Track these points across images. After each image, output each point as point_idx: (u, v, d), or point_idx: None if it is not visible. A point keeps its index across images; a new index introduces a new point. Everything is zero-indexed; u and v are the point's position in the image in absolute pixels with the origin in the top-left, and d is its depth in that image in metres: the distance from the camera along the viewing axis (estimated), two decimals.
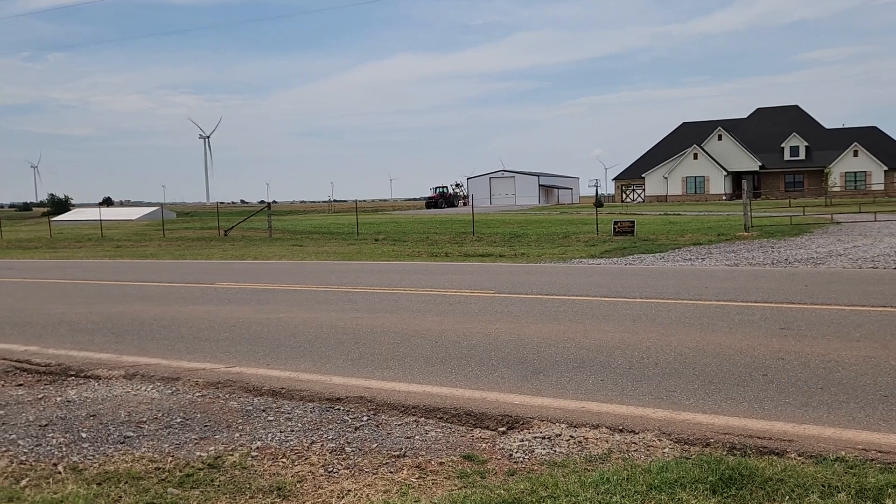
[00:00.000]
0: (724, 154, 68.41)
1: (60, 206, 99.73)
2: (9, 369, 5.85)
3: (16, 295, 10.74)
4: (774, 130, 68.66)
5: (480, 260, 16.49)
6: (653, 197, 70.40)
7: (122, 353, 6.11)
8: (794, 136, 66.63)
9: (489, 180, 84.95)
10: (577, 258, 15.87)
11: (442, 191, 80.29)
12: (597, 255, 16.73)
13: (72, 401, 4.87)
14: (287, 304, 8.69)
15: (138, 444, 3.98)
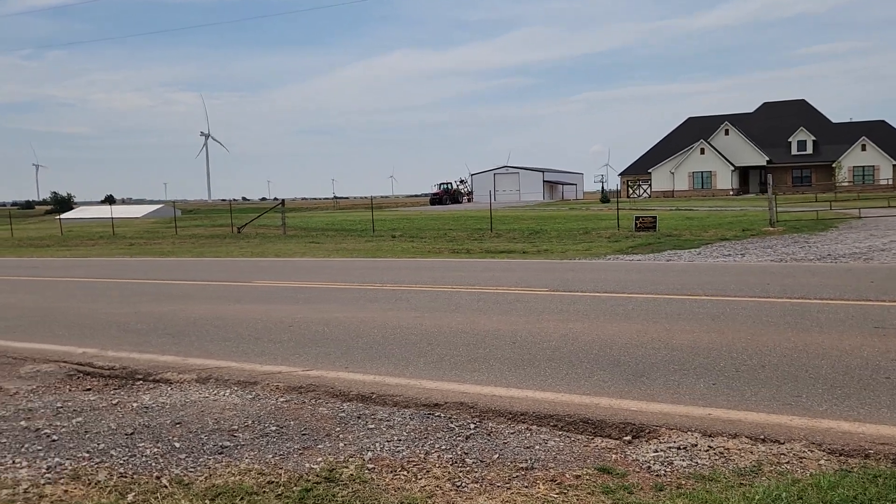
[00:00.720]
0: (731, 149, 68.12)
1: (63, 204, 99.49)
2: (72, 373, 5.63)
3: (52, 294, 10.50)
4: (781, 125, 68.33)
5: (506, 256, 16.25)
6: (659, 192, 70.12)
7: (186, 355, 5.89)
8: (802, 131, 66.32)
9: (493, 176, 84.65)
10: (607, 254, 15.64)
11: (446, 187, 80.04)
12: (625, 250, 16.50)
13: (149, 407, 4.65)
14: (337, 302, 8.45)
15: (238, 454, 3.76)
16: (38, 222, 65.91)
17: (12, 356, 6.18)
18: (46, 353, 6.23)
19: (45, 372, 5.67)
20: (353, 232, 28.08)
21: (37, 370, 5.71)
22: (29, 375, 5.61)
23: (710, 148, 67.06)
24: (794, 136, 66.31)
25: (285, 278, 11.56)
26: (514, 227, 26.46)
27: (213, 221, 40.99)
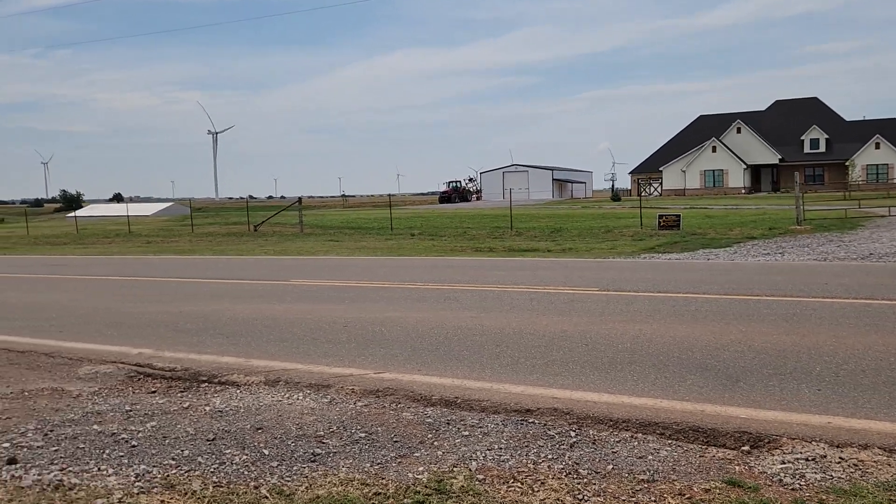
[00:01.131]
0: (743, 147, 67.68)
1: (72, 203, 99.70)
2: (132, 374, 5.47)
3: (88, 293, 10.35)
4: (794, 123, 67.84)
5: (532, 255, 16.05)
6: (670, 191, 69.74)
7: (248, 356, 5.72)
8: (814, 129, 65.82)
9: (502, 174, 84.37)
10: (638, 253, 15.43)
11: (455, 185, 79.82)
12: (654, 249, 16.29)
13: (223, 411, 4.48)
14: (383, 302, 8.27)
15: (332, 462, 3.59)
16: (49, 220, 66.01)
17: (67, 356, 6.03)
18: (101, 353, 6.08)
19: (105, 373, 5.52)
20: (369, 230, 27.92)
21: (95, 371, 5.56)
22: (88, 377, 5.46)
23: (722, 146, 66.64)
24: (807, 134, 65.84)
25: (319, 277, 11.40)
26: (532, 226, 26.25)
27: (226, 220, 40.90)
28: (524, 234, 23.19)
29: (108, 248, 24.11)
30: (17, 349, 6.31)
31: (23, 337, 6.84)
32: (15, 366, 5.83)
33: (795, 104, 70.74)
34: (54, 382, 5.34)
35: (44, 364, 5.82)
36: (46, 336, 6.88)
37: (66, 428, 4.30)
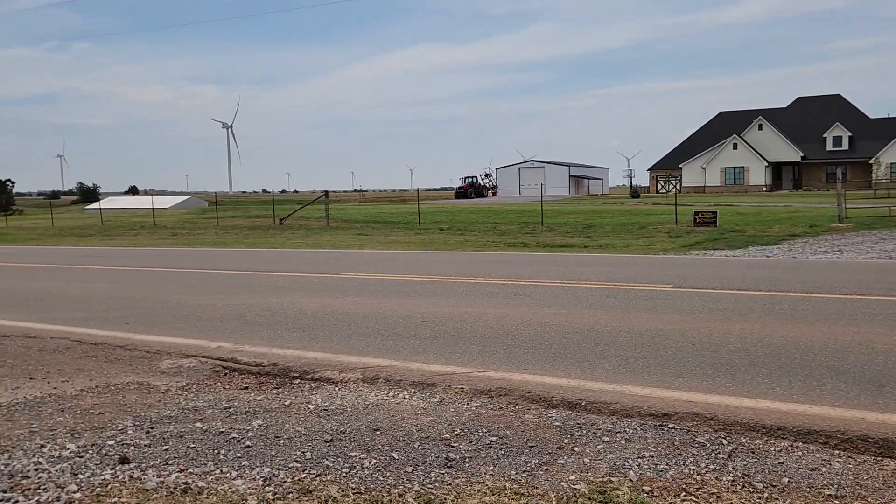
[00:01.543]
0: (765, 144, 66.86)
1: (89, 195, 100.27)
2: (217, 369, 5.25)
3: (145, 284, 10.10)
4: (816, 120, 66.92)
5: (568, 251, 15.75)
6: (690, 188, 69.02)
7: (333, 351, 5.46)
8: (837, 126, 64.88)
9: (518, 170, 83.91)
10: (680, 249, 15.10)
11: (471, 181, 79.50)
12: (694, 246, 15.94)
13: (328, 410, 4.24)
14: (453, 296, 7.98)
15: (472, 468, 3.33)
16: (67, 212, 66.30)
17: (143, 349, 5.82)
18: (177, 346, 5.86)
19: (189, 367, 5.30)
20: (395, 224, 27.69)
21: (178, 365, 5.34)
22: (172, 371, 5.25)
23: (743, 143, 65.87)
24: (830, 131, 64.92)
25: (368, 270, 11.15)
26: (560, 222, 25.91)
27: (247, 213, 40.83)
28: (555, 230, 22.87)
29: (135, 239, 24.02)
30: (89, 341, 6.11)
31: (91, 328, 6.64)
32: (92, 358, 5.63)
33: (818, 101, 69.78)
34: (138, 376, 5.13)
35: (122, 357, 5.61)
36: (115, 328, 6.67)
37: (167, 425, 4.08)
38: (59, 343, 6.07)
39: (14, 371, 5.33)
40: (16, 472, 3.49)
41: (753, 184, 65.84)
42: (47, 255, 17.17)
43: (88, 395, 4.75)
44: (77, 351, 5.80)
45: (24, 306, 8.24)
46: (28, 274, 12.33)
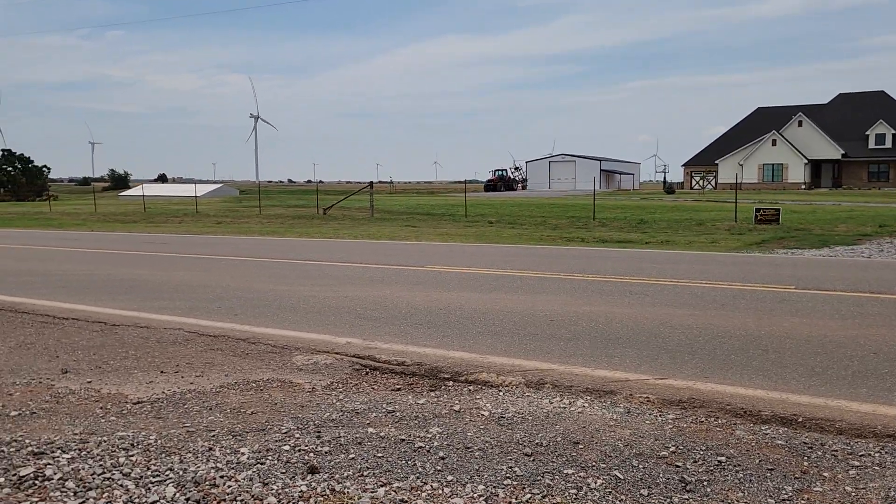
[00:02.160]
0: (804, 141, 65.27)
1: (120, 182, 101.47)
2: (357, 367, 4.93)
3: (224, 273, 9.82)
4: (858, 117, 65.18)
5: (631, 247, 15.24)
6: (726, 184, 67.63)
7: (478, 351, 5.09)
8: (881, 124, 63.08)
9: (548, 164, 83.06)
10: (753, 248, 14.54)
11: (501, 173, 78.89)
12: (762, 244, 15.36)
13: (504, 417, 3.88)
14: (561, 293, 7.60)
15: (717, 493, 2.92)
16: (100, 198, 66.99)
17: (267, 343, 5.52)
18: (303, 341, 5.54)
19: (326, 364, 4.98)
20: (439, 216, 27.32)
21: (314, 361, 5.03)
22: (309, 368, 4.94)
23: (782, 139, 64.39)
24: (872, 129, 63.17)
25: (449, 263, 10.76)
26: (609, 217, 25.37)
27: (284, 202, 40.81)
28: (608, 225, 22.34)
29: (178, 227, 23.95)
30: (206, 333, 5.82)
31: (200, 319, 6.36)
32: (217, 351, 5.35)
33: (860, 98, 67.95)
34: (274, 373, 4.83)
35: (249, 351, 5.31)
36: (225, 319, 6.40)
37: (334, 429, 3.76)
38: (175, 334, 5.80)
39: (140, 363, 5.07)
40: (200, 478, 3.19)
41: (792, 181, 64.37)
42: (109, 241, 17.09)
43: (230, 391, 4.46)
44: (198, 343, 5.53)
45: (122, 294, 8.01)
46: (105, 260, 12.15)
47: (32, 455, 3.53)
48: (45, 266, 11.09)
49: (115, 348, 5.43)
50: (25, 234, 20.84)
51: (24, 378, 4.77)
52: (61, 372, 4.92)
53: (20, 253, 13.96)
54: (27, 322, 6.37)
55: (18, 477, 3.31)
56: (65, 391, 4.48)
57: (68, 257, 12.66)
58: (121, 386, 4.61)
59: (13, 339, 5.76)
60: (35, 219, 30.34)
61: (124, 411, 4.14)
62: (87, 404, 4.26)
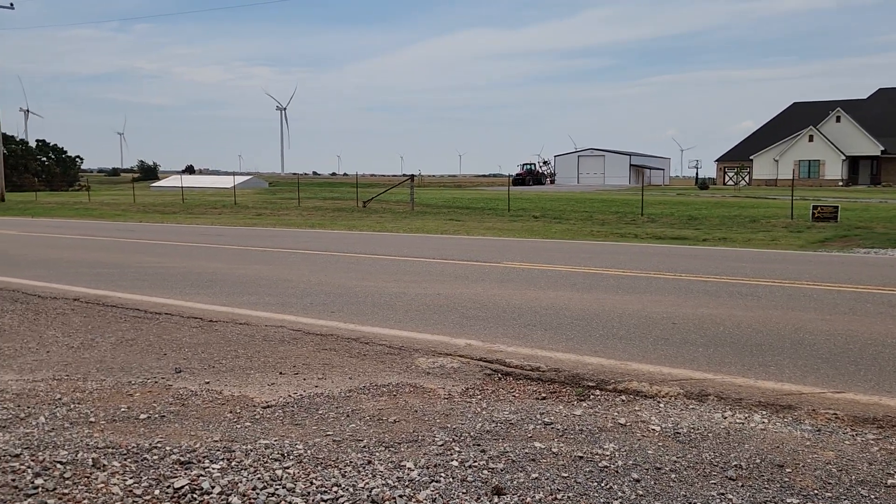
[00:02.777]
0: (842, 137, 63.72)
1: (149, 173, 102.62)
2: (488, 372, 4.63)
3: (301, 268, 9.55)
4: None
5: (688, 244, 14.76)
6: (760, 180, 66.40)
7: (616, 357, 4.74)
8: None
9: (577, 158, 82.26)
10: (819, 246, 14.00)
11: (529, 168, 78.25)
12: (825, 242, 14.83)
13: (678, 433, 3.53)
14: (659, 293, 7.22)
15: None
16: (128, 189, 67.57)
17: (381, 343, 5.22)
18: (419, 341, 5.22)
19: (452, 368, 4.69)
20: (479, 210, 26.95)
21: (439, 364, 4.73)
22: (436, 371, 4.64)
23: (820, 135, 62.93)
24: None
25: (522, 260, 10.38)
26: (660, 213, 24.79)
27: (317, 194, 40.72)
28: (657, 221, 21.80)
29: (218, 218, 23.88)
30: (312, 331, 5.54)
31: (298, 316, 6.08)
32: (331, 352, 5.08)
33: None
34: (401, 376, 4.54)
35: (365, 352, 5.03)
36: (324, 316, 6.11)
37: (496, 442, 3.44)
38: (280, 332, 5.54)
39: (254, 363, 4.82)
40: (376, 497, 2.89)
41: (829, 178, 62.91)
42: (163, 232, 17.00)
43: (362, 396, 4.18)
44: (308, 342, 5.26)
45: (205, 288, 7.79)
46: (171, 252, 11.97)
47: (179, 464, 3.27)
48: (114, 257, 10.96)
49: (222, 346, 5.18)
50: (75, 224, 20.90)
51: (138, 377, 4.54)
52: (175, 371, 4.69)
53: (83, 243, 13.90)
54: (119, 316, 6.17)
55: (174, 489, 3.05)
56: (186, 392, 4.23)
57: (133, 248, 12.53)
58: (242, 388, 4.36)
59: (112, 335, 5.54)
60: (75, 209, 30.56)
61: (257, 416, 3.87)
62: (214, 408, 4.01)
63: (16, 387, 4.36)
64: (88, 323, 5.94)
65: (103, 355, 5.03)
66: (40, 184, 66.85)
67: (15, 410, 3.94)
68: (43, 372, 4.69)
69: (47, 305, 6.65)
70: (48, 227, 18.78)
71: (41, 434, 3.60)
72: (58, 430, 3.66)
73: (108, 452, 3.42)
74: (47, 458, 3.31)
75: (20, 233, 16.49)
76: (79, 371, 4.68)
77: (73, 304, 6.67)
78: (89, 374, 4.62)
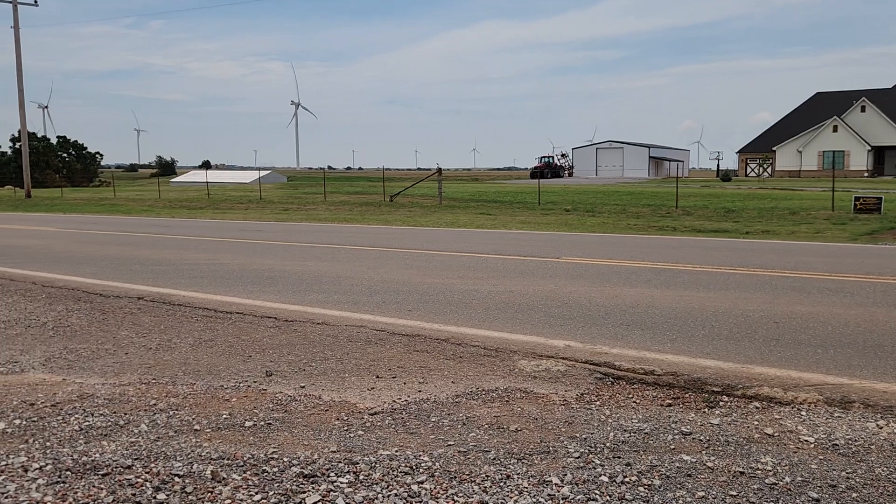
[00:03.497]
0: (867, 127, 62.63)
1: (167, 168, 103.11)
2: (598, 376, 4.38)
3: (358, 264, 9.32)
4: None
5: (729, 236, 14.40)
6: (783, 171, 65.46)
7: (733, 360, 4.44)
8: None
9: (596, 151, 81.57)
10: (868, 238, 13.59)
11: (547, 160, 77.69)
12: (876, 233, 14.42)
13: (836, 444, 3.20)
14: (759, 290, 6.89)
15: None
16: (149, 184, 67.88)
17: (474, 344, 4.94)
18: (514, 342, 4.94)
19: (558, 371, 4.43)
20: (508, 204, 26.63)
21: (543, 368, 4.47)
22: (541, 375, 4.38)
23: (844, 125, 61.87)
24: None
25: (580, 255, 10.11)
26: (696, 205, 24.35)
27: (340, 189, 40.57)
28: (693, 214, 21.39)
29: (246, 213, 23.76)
30: (397, 332, 5.29)
31: (377, 315, 5.82)
32: (423, 353, 4.83)
33: None
34: (506, 380, 4.29)
35: (460, 354, 4.78)
36: (402, 315, 5.88)
37: (637, 454, 3.18)
38: (363, 333, 5.30)
39: (346, 366, 4.59)
40: None
41: (854, 168, 61.87)
42: (201, 227, 16.87)
43: (472, 402, 3.93)
44: (395, 343, 5.03)
45: (267, 285, 7.57)
46: (219, 248, 11.76)
47: (303, 478, 3.05)
48: (162, 254, 10.79)
49: (307, 348, 4.96)
50: (108, 220, 20.85)
51: (228, 381, 4.33)
52: (265, 374, 4.47)
53: (124, 239, 13.77)
54: (189, 316, 5.97)
55: None
56: (284, 397, 4.01)
57: (177, 244, 12.37)
58: (341, 392, 4.13)
59: (188, 336, 5.34)
60: (102, 204, 30.61)
61: (367, 424, 3.64)
62: (318, 414, 3.79)
63: (104, 391, 4.17)
64: (160, 323, 5.75)
65: (185, 357, 4.83)
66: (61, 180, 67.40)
67: (111, 417, 3.74)
68: (127, 375, 4.50)
69: (112, 304, 6.47)
70: (83, 224, 18.72)
71: (147, 443, 3.40)
72: (163, 438, 3.46)
73: (224, 464, 3.21)
74: (162, 471, 3.11)
75: (58, 229, 16.42)
76: (164, 374, 4.49)
77: (138, 304, 6.48)
78: (176, 377, 4.43)
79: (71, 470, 3.11)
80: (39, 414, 3.76)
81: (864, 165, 61.43)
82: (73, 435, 3.50)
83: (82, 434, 3.50)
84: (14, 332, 5.54)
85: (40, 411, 3.81)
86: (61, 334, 5.50)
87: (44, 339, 5.38)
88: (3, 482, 2.98)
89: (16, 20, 35.46)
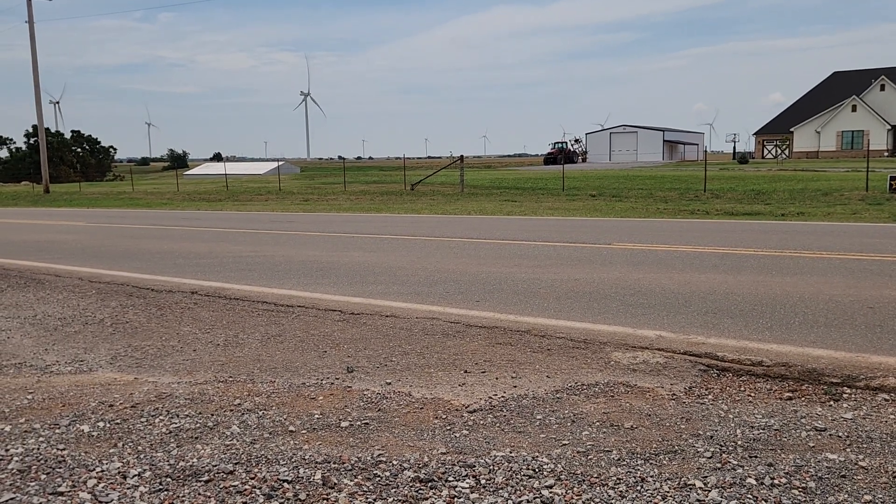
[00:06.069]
0: (886, 106, 61.53)
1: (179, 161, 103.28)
2: (702, 368, 4.13)
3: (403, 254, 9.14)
4: None
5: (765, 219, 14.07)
6: (801, 153, 64.50)
7: (839, 347, 4.17)
8: None
9: (609, 135, 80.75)
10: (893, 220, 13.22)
11: (561, 146, 76.99)
12: None
13: None
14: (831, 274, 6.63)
15: None
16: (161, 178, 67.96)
17: (559, 336, 4.72)
18: (601, 333, 4.69)
19: (660, 363, 4.20)
20: (530, 190, 26.29)
21: (641, 360, 4.24)
22: (640, 367, 4.14)
23: (863, 104, 60.81)
24: None
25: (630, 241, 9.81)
26: (725, 188, 23.92)
27: (357, 178, 40.35)
28: (723, 197, 21.00)
29: (266, 205, 23.57)
30: (471, 323, 5.02)
31: (446, 307, 5.58)
32: (508, 346, 4.59)
33: None
34: (604, 374, 4.05)
35: (548, 346, 4.54)
36: (471, 306, 5.65)
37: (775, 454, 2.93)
38: (437, 325, 5.08)
39: (429, 360, 4.37)
40: None
41: (874, 148, 60.75)
42: (232, 220, 16.68)
43: (574, 398, 3.71)
44: (475, 336, 4.80)
45: (320, 277, 7.37)
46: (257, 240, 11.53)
47: (420, 482, 2.84)
48: (201, 247, 10.60)
49: (382, 342, 4.76)
50: (132, 214, 20.74)
51: (309, 378, 4.13)
52: (347, 370, 4.28)
53: (156, 232, 13.61)
54: (249, 310, 5.77)
55: None
56: (373, 395, 3.81)
57: (213, 237, 12.19)
58: (431, 389, 3.92)
59: (254, 331, 5.15)
60: (120, 198, 30.56)
61: (469, 423, 3.43)
62: (414, 413, 3.58)
63: (182, 390, 3.98)
64: (221, 318, 5.56)
65: (257, 354, 4.64)
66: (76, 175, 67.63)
67: (198, 418, 3.55)
68: (201, 373, 4.31)
69: (167, 299, 6.29)
70: (110, 218, 18.61)
71: (243, 446, 3.20)
72: (259, 441, 3.26)
73: (332, 468, 3.00)
74: (268, 476, 2.91)
75: (87, 224, 16.30)
76: (240, 372, 4.29)
77: (193, 298, 6.30)
78: (254, 374, 4.23)
79: (171, 476, 2.92)
80: (121, 416, 3.57)
81: (884, 145, 60.39)
82: (162, 438, 3.31)
83: (172, 437, 3.31)
84: (73, 330, 5.37)
85: (121, 413, 3.62)
86: (121, 331, 5.32)
87: (104, 336, 5.21)
88: (104, 490, 2.80)
89: (30, 15, 35.34)
